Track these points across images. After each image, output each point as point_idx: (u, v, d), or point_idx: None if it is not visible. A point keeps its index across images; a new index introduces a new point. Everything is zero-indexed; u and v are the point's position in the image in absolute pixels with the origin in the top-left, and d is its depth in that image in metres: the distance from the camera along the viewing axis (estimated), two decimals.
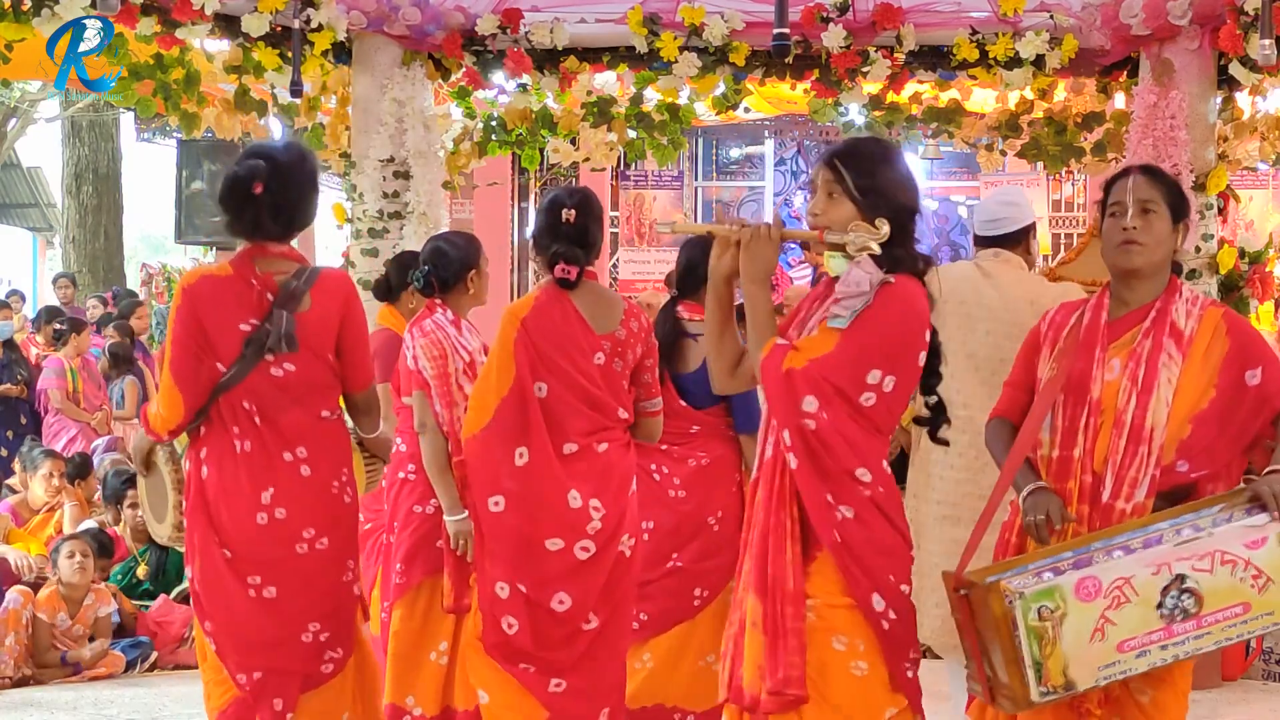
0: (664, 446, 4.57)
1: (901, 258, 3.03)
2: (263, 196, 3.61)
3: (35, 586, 6.62)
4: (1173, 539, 3.00)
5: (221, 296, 3.65)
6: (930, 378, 3.11)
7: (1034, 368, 3.37)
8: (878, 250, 2.99)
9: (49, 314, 11.75)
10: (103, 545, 6.81)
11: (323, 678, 3.76)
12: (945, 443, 3.20)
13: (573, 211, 3.99)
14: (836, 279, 3.03)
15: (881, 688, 3.01)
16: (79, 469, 7.98)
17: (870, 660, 2.99)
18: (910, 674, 3.04)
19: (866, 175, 3.05)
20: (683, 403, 4.65)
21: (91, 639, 6.42)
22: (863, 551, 2.99)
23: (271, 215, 3.64)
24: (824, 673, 2.98)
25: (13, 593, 6.32)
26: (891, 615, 2.99)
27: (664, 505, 4.62)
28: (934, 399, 3.13)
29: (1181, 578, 2.98)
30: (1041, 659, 2.94)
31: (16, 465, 8.22)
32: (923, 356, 3.05)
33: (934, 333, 3.07)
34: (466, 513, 4.27)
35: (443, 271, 4.60)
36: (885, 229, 2.98)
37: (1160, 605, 2.97)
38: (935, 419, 3.15)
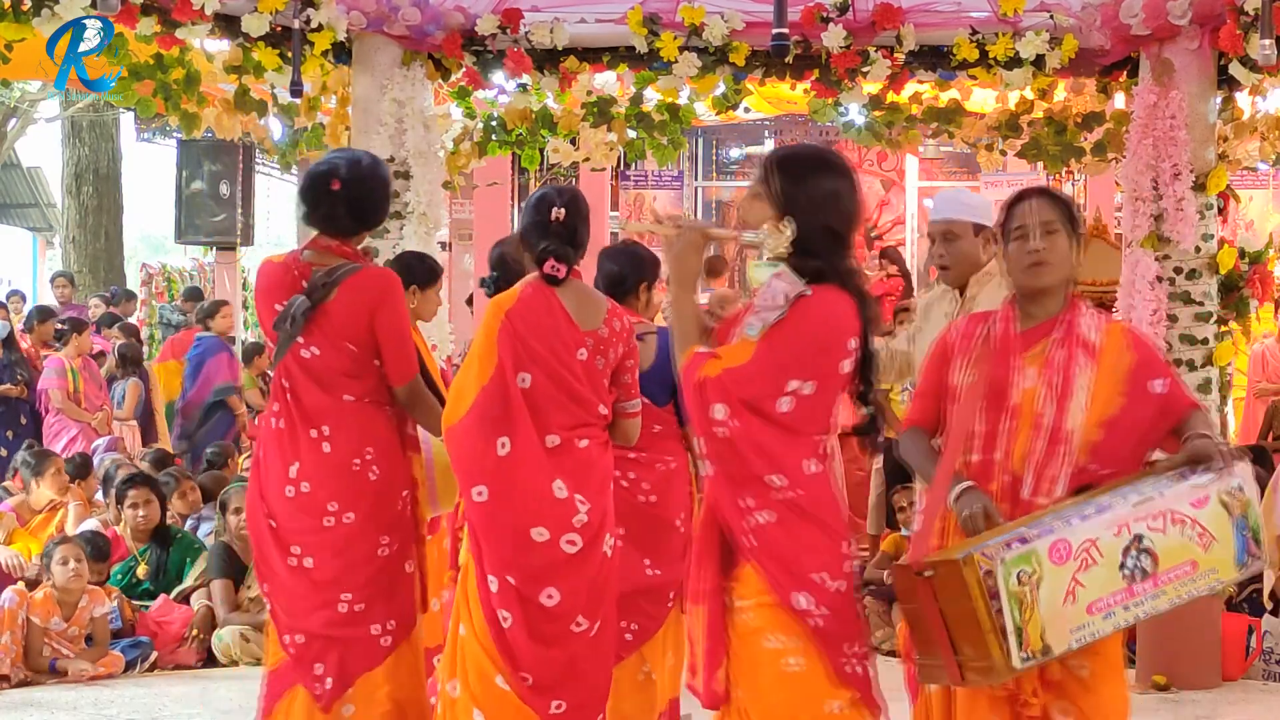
0: (631, 454, 4.54)
1: (824, 270, 3.14)
2: (338, 193, 4.03)
3: (32, 585, 6.63)
4: (1130, 500, 3.15)
5: (267, 280, 4.10)
6: (864, 386, 3.22)
7: (944, 376, 3.50)
8: (783, 251, 3.10)
9: (42, 314, 11.73)
10: (98, 548, 6.80)
11: (381, 652, 4.01)
12: (879, 449, 3.33)
13: (562, 210, 4.00)
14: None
15: (820, 682, 3.12)
16: (79, 469, 7.98)
17: (804, 657, 3.11)
18: (855, 668, 3.15)
19: (793, 183, 3.17)
20: (644, 399, 4.58)
21: (89, 640, 6.42)
22: (783, 553, 3.11)
23: (344, 211, 4.05)
24: (757, 671, 3.11)
25: (8, 592, 6.31)
26: (821, 611, 3.11)
27: (635, 511, 4.59)
28: (869, 408, 3.24)
29: (1139, 538, 3.12)
30: (1021, 624, 3.01)
31: (20, 470, 8.21)
32: (846, 364, 3.17)
33: (866, 341, 3.19)
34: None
35: (512, 277, 4.64)
36: (789, 231, 3.09)
37: (1122, 566, 3.10)
38: (870, 427, 3.25)
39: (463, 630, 3.95)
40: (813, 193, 3.17)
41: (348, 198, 4.06)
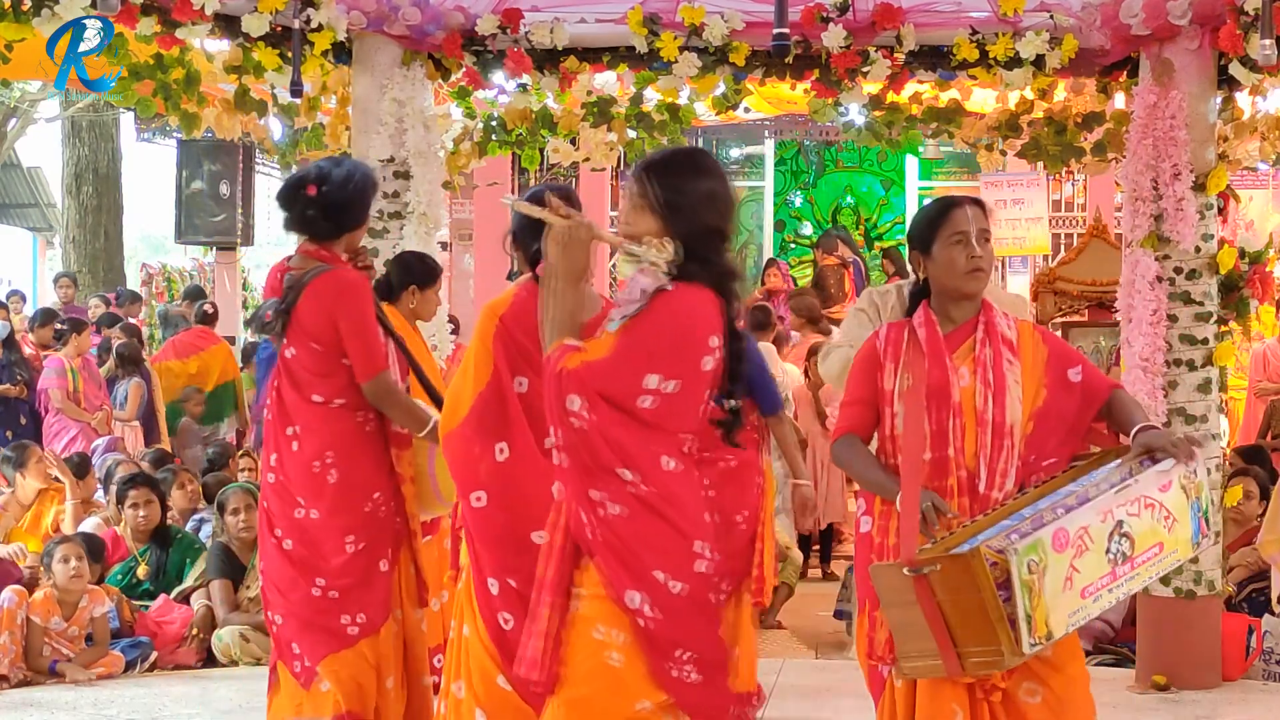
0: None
1: (694, 271, 3.19)
2: (313, 198, 4.23)
3: (29, 584, 6.63)
4: (1112, 489, 3.31)
5: (266, 283, 4.59)
6: (732, 383, 3.26)
7: (875, 382, 3.64)
8: (663, 267, 3.15)
9: (45, 315, 11.74)
10: (92, 548, 6.79)
11: (347, 639, 4.21)
12: (738, 445, 3.34)
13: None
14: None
15: (637, 680, 3.16)
16: (78, 469, 7.98)
17: (626, 653, 3.16)
18: (683, 673, 3.18)
19: (672, 190, 3.23)
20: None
21: (88, 640, 6.42)
22: (624, 548, 3.15)
23: (318, 214, 4.25)
24: (580, 659, 3.18)
25: (8, 592, 6.31)
26: (652, 613, 3.14)
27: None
28: (733, 404, 3.27)
29: (1120, 523, 3.28)
30: (1031, 611, 3.13)
31: (1, 468, 8.20)
32: (708, 361, 3.19)
33: (735, 339, 3.24)
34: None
35: None
36: (670, 250, 3.16)
37: (1108, 551, 3.26)
38: (731, 423, 3.28)
39: (466, 631, 3.96)
40: (691, 197, 3.24)
41: (322, 202, 4.24)
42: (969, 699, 3.42)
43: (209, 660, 6.71)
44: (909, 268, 3.96)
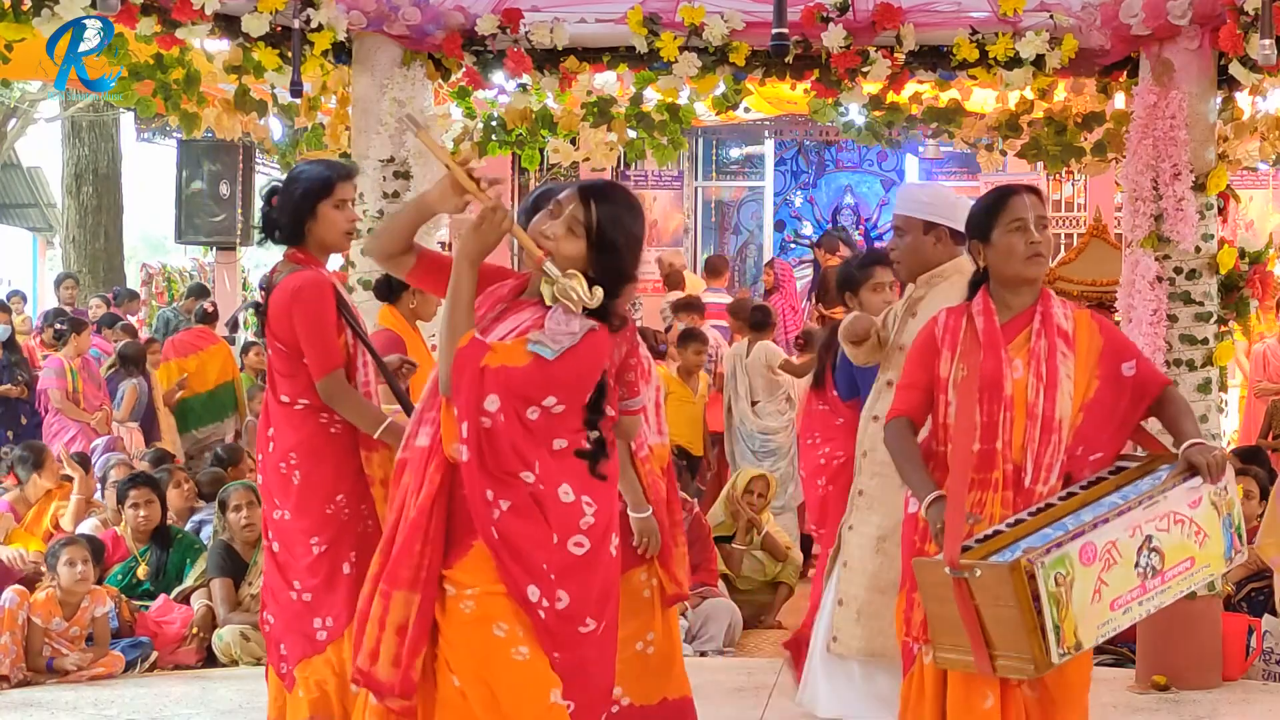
0: (809, 440, 5.20)
1: (606, 313, 3.36)
2: (273, 206, 4.37)
3: (29, 582, 6.63)
4: (1140, 504, 3.39)
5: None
6: (594, 414, 3.40)
7: (932, 369, 3.71)
8: (573, 308, 3.29)
9: (52, 316, 11.76)
10: (94, 551, 6.79)
11: (317, 645, 4.23)
12: (604, 477, 3.49)
13: None
14: (541, 301, 3.35)
15: (544, 672, 3.31)
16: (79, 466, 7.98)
17: (530, 646, 3.29)
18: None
19: (610, 225, 3.35)
20: (834, 393, 5.18)
21: (88, 640, 6.42)
22: (520, 544, 3.29)
23: (276, 218, 4.35)
24: (487, 660, 3.28)
25: (9, 593, 6.31)
26: (545, 605, 3.31)
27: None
28: (597, 435, 3.42)
29: (1150, 538, 3.37)
30: (1059, 623, 3.24)
31: (15, 468, 8.21)
32: (587, 394, 3.38)
33: (604, 375, 3.39)
34: (650, 510, 4.47)
35: None
36: (592, 300, 3.29)
37: (1137, 564, 3.36)
38: (595, 453, 3.42)
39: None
40: (626, 237, 3.39)
41: (280, 207, 4.35)
42: (999, 685, 3.50)
43: (209, 660, 6.71)
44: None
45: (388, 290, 5.62)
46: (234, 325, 11.05)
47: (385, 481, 4.24)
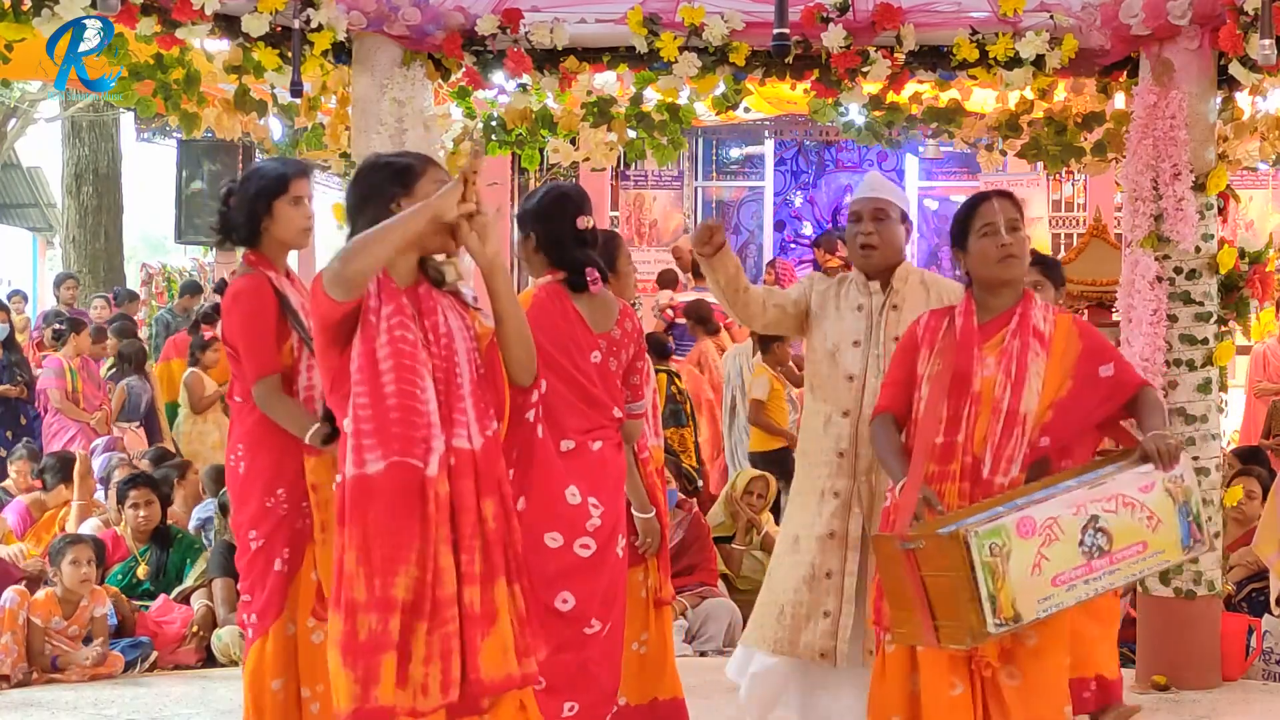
0: None
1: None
2: (229, 208, 4.35)
3: (29, 581, 6.63)
4: (1085, 483, 3.51)
5: None
6: None
7: (913, 366, 3.85)
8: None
9: (51, 317, 11.75)
10: (96, 552, 6.79)
11: (250, 640, 4.25)
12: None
13: (590, 220, 4.08)
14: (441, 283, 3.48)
15: None
16: (63, 469, 7.98)
17: None
18: None
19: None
20: None
21: (88, 639, 6.42)
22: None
23: (235, 221, 4.33)
24: None
25: (9, 593, 6.32)
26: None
27: None
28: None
29: (1095, 518, 3.45)
30: (995, 592, 3.33)
31: (15, 466, 8.22)
32: None
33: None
34: (654, 511, 4.50)
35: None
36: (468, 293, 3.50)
37: (1081, 543, 3.44)
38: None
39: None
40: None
41: (236, 207, 4.34)
42: (967, 673, 3.60)
43: (209, 660, 6.71)
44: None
45: None
46: (194, 327, 11.15)
47: (317, 487, 4.21)
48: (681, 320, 11.02)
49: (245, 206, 4.28)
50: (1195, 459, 6.15)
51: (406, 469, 3.27)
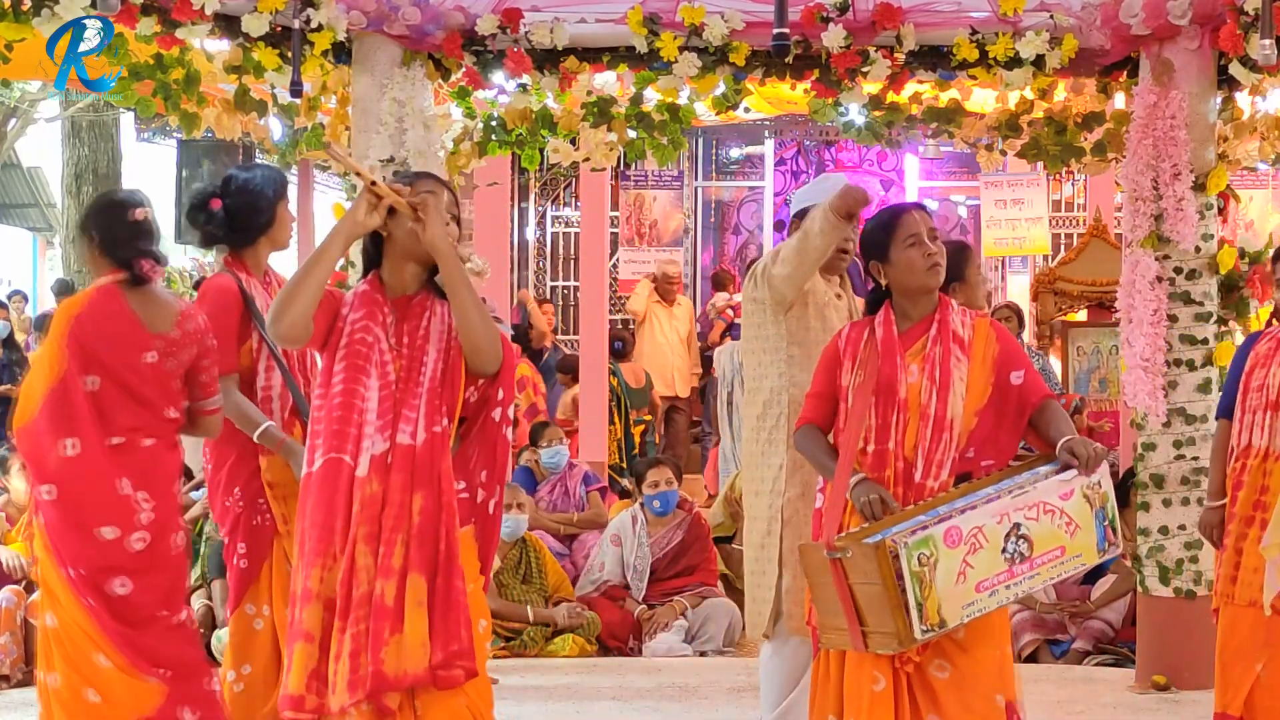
0: None
1: None
2: (219, 211, 4.50)
3: (27, 585, 6.62)
4: (1010, 493, 3.60)
5: None
6: None
7: (835, 378, 3.94)
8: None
9: (49, 318, 11.73)
10: None
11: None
12: None
13: (147, 210, 4.18)
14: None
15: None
16: None
17: None
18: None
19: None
20: None
21: None
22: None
23: (230, 225, 4.49)
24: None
25: (5, 592, 6.32)
26: None
27: None
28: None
29: (1018, 525, 3.57)
30: (922, 600, 3.45)
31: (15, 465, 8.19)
32: None
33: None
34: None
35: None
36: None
37: (1004, 550, 3.55)
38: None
39: (50, 620, 4.05)
40: None
41: (230, 211, 4.47)
42: (890, 669, 3.68)
43: (209, 660, 6.70)
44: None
45: None
46: None
47: (274, 484, 4.41)
48: (739, 320, 11.04)
49: (253, 212, 4.43)
50: (1195, 459, 6.16)
51: (337, 465, 3.50)
